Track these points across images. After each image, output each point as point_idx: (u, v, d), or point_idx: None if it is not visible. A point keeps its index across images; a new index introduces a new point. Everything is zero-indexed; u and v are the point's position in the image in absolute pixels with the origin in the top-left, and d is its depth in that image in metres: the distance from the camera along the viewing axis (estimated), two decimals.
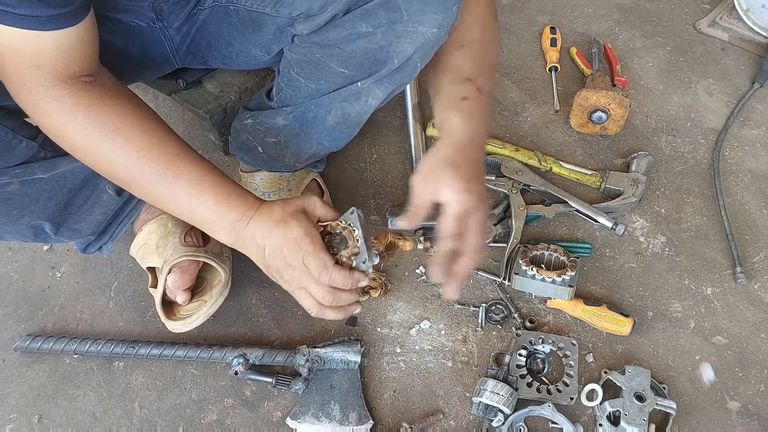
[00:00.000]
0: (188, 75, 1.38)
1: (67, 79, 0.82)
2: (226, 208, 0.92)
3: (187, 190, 0.90)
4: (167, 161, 0.88)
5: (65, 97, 0.82)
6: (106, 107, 0.86)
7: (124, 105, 0.88)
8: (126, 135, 0.86)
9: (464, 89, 0.95)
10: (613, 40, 1.75)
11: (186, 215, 0.94)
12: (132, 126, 0.87)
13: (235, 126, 1.27)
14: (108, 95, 0.87)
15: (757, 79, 1.61)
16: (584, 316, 1.19)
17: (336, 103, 1.08)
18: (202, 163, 0.92)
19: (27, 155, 0.95)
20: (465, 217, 0.88)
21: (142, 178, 0.89)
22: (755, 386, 1.13)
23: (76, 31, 0.80)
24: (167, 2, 1.07)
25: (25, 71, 0.80)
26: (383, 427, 1.10)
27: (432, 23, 0.94)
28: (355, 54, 0.99)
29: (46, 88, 0.81)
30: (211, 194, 0.91)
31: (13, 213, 1.00)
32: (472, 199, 0.87)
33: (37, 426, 1.12)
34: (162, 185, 0.90)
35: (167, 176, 0.89)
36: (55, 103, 0.83)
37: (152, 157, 0.88)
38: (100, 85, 0.87)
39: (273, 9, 1.03)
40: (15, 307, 1.27)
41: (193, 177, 0.90)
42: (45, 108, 0.83)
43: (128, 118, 0.87)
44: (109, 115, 0.86)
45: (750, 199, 1.39)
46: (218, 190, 0.92)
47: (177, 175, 0.89)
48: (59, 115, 0.84)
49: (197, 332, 1.19)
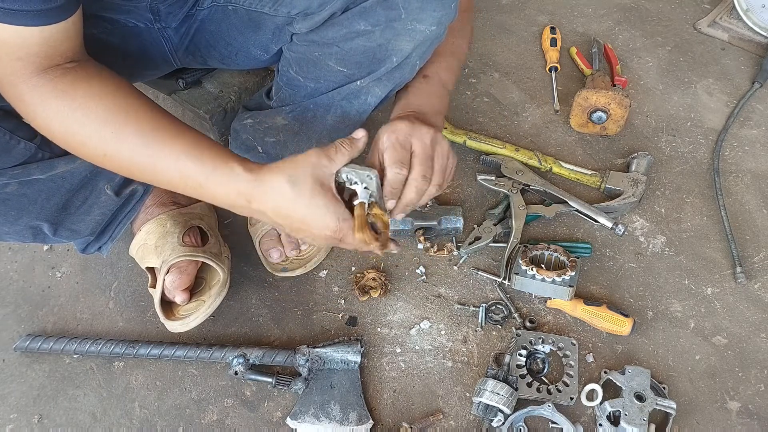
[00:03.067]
0: (188, 75, 1.38)
1: (48, 69, 0.80)
2: (219, 180, 0.84)
3: (177, 167, 0.84)
4: (145, 134, 0.83)
5: (43, 85, 0.80)
6: (79, 90, 0.82)
7: (99, 86, 0.83)
8: (99, 116, 0.82)
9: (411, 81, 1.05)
10: (613, 40, 1.75)
11: (179, 184, 0.86)
12: (106, 106, 0.82)
13: (235, 126, 1.27)
14: (83, 78, 0.83)
15: (757, 79, 1.61)
16: (584, 316, 1.19)
17: (335, 102, 1.08)
18: (183, 129, 0.86)
19: (25, 156, 0.95)
20: (433, 144, 0.93)
21: (122, 156, 0.84)
22: (755, 386, 1.13)
23: (63, 26, 0.79)
24: (164, 3, 1.06)
25: (8, 64, 0.79)
26: (383, 427, 1.10)
27: (430, 21, 0.94)
28: (354, 52, 0.99)
29: (26, 79, 0.80)
30: (198, 171, 0.84)
31: (11, 214, 1.00)
32: (437, 133, 0.93)
33: (37, 426, 1.12)
34: (147, 157, 0.84)
35: (150, 148, 0.83)
36: (34, 93, 0.81)
37: (128, 134, 0.83)
38: (80, 69, 0.83)
39: (272, 8, 1.03)
40: (15, 307, 1.27)
41: (180, 150, 0.83)
42: (25, 99, 0.82)
43: (102, 99, 0.82)
44: (82, 99, 0.82)
45: (750, 199, 1.39)
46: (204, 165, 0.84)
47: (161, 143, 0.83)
48: (36, 106, 0.82)
49: (197, 332, 1.19)
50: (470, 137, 1.47)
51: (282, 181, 0.82)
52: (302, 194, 0.83)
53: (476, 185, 1.42)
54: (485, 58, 1.71)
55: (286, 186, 0.82)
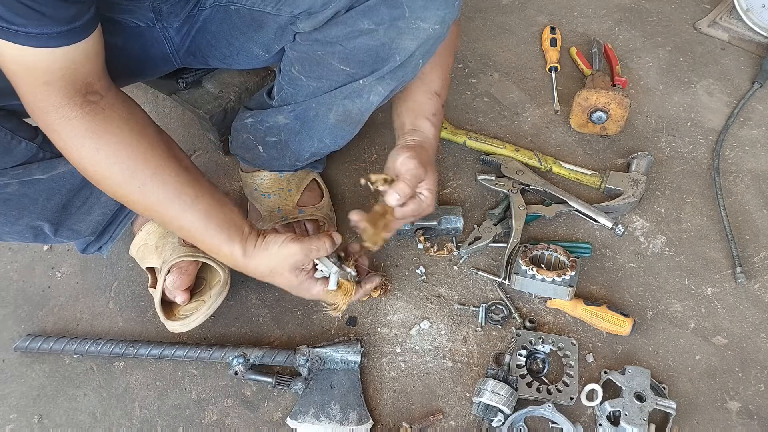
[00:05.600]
0: (188, 75, 1.38)
1: (76, 97, 0.83)
2: (212, 242, 0.99)
3: (191, 220, 0.96)
4: (168, 192, 0.93)
5: (75, 119, 0.84)
6: (112, 136, 0.88)
7: (130, 133, 0.90)
8: (129, 166, 0.90)
9: (433, 105, 1.11)
10: (613, 40, 1.75)
11: (188, 237, 1.01)
12: (135, 156, 0.90)
13: (236, 125, 1.27)
14: (114, 121, 0.88)
15: (757, 79, 1.61)
16: (584, 316, 1.19)
17: (337, 100, 1.08)
18: (203, 192, 0.97)
19: (26, 156, 0.96)
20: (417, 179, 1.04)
21: (145, 204, 0.94)
22: (755, 386, 1.13)
23: (83, 46, 0.81)
24: (166, 3, 1.06)
25: (37, 89, 0.81)
26: (383, 427, 1.10)
27: (434, 19, 0.94)
28: (357, 51, 0.99)
29: (57, 108, 0.83)
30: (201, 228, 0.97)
31: (12, 213, 1.00)
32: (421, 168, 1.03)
33: (37, 426, 1.12)
34: (165, 214, 0.96)
35: (171, 208, 0.94)
36: (65, 125, 0.85)
37: (153, 189, 0.92)
38: (110, 106, 0.88)
39: (274, 8, 1.03)
40: (15, 307, 1.27)
41: (198, 212, 0.96)
42: (57, 129, 0.85)
43: (132, 148, 0.89)
44: (115, 146, 0.88)
45: (750, 199, 1.39)
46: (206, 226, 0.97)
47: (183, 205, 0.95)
48: (69, 139, 0.86)
49: (197, 332, 1.19)
50: (470, 137, 1.47)
51: (265, 270, 1.02)
52: (279, 279, 1.04)
53: (476, 185, 1.42)
54: (485, 58, 1.71)
55: (266, 272, 1.03)
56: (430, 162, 1.07)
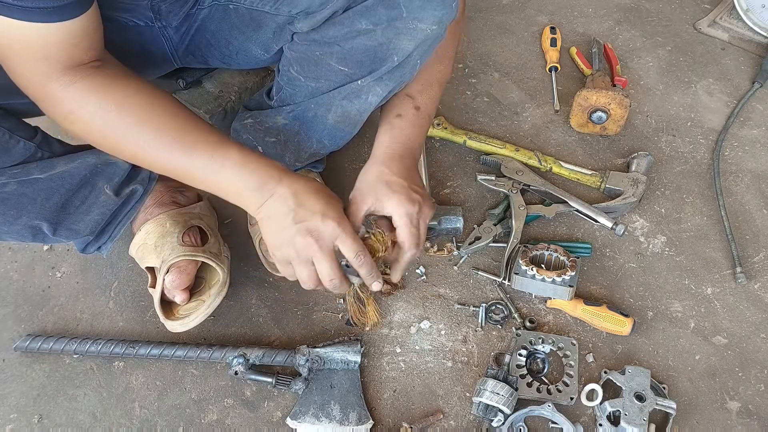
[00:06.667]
0: (188, 75, 1.38)
1: (76, 67, 0.83)
2: (256, 164, 0.92)
3: (209, 153, 0.90)
4: (183, 132, 0.90)
5: (77, 82, 0.84)
6: (118, 88, 0.87)
7: (134, 85, 0.89)
8: (140, 113, 0.88)
9: (401, 106, 1.07)
10: (613, 40, 1.75)
11: (212, 182, 0.93)
12: (144, 104, 0.88)
13: (235, 126, 1.26)
14: (117, 77, 0.88)
15: (757, 79, 1.61)
16: (584, 316, 1.19)
17: (336, 101, 1.08)
18: (217, 131, 0.94)
19: (24, 155, 0.95)
20: (415, 221, 0.99)
21: (161, 153, 0.90)
22: (755, 386, 1.13)
23: (80, 22, 0.81)
24: (165, 1, 1.06)
25: (34, 64, 0.81)
26: (383, 427, 1.10)
27: (432, 20, 0.94)
28: (355, 51, 0.99)
29: (57, 77, 0.83)
30: (235, 154, 0.91)
31: (10, 213, 1.00)
32: (413, 205, 0.98)
33: (37, 426, 1.12)
34: (182, 154, 0.90)
35: (186, 144, 0.90)
36: (68, 90, 0.84)
37: (168, 130, 0.89)
38: (108, 68, 0.88)
39: (273, 7, 1.03)
40: (15, 307, 1.27)
41: (212, 141, 0.91)
42: (59, 96, 0.84)
43: (140, 97, 0.89)
44: (122, 95, 0.87)
45: (750, 199, 1.39)
46: (241, 151, 0.92)
47: (195, 142, 0.90)
48: (73, 101, 0.85)
49: (197, 332, 1.19)
50: (470, 137, 1.47)
51: (313, 197, 0.92)
52: (326, 193, 0.93)
53: (476, 185, 1.42)
54: (485, 58, 1.71)
55: (317, 182, 0.94)
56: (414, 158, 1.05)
